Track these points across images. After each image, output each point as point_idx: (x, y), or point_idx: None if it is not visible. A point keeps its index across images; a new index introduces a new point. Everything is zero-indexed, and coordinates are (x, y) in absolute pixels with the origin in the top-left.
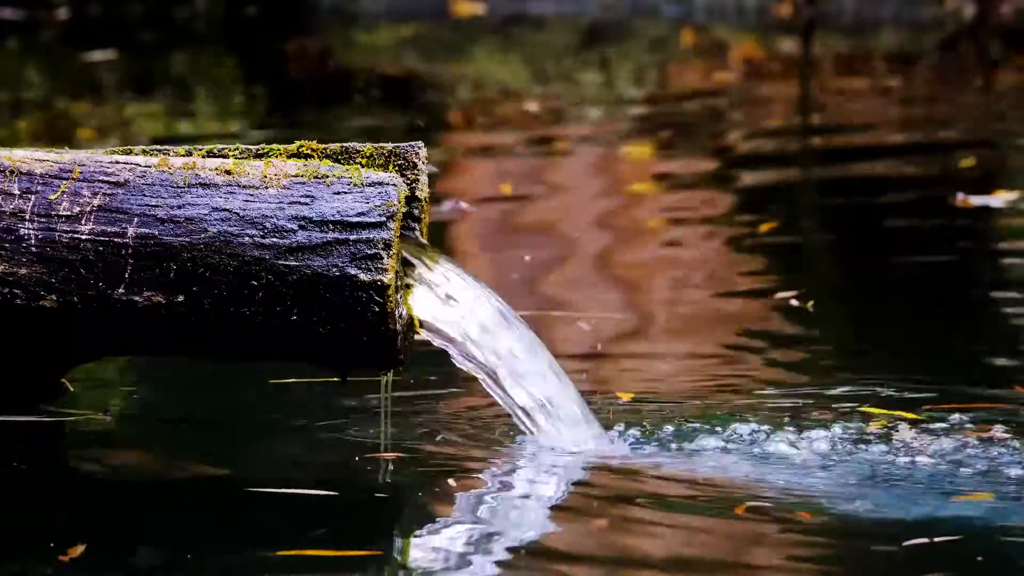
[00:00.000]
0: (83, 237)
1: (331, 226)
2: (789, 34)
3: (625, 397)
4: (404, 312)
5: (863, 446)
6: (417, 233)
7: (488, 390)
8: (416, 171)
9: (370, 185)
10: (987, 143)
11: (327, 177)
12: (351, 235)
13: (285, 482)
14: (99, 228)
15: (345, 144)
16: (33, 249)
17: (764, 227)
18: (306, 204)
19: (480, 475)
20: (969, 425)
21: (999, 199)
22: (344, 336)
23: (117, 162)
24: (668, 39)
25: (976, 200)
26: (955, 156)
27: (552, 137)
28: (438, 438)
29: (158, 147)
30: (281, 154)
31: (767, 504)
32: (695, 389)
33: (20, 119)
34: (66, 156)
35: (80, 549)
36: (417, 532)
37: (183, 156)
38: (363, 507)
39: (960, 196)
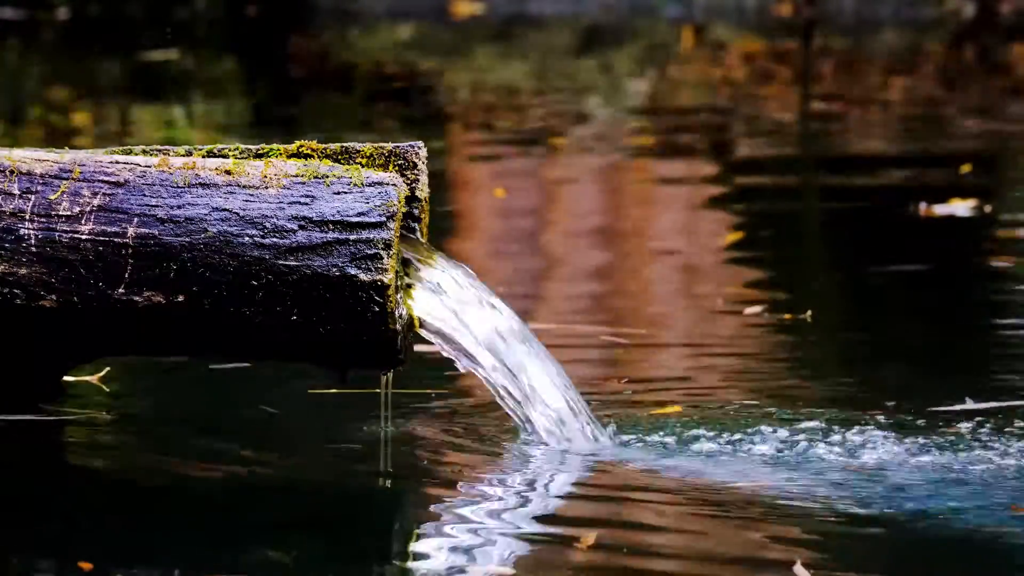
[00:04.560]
0: (83, 237)
1: (331, 226)
2: (789, 33)
3: (673, 410)
4: (404, 312)
5: (863, 452)
6: (417, 233)
7: (488, 389)
8: (416, 171)
9: (370, 185)
10: (986, 147)
11: (327, 177)
12: (351, 235)
13: (284, 481)
14: (99, 228)
15: (345, 144)
16: (33, 249)
17: (729, 237)
18: (306, 204)
19: (479, 474)
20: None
21: (963, 207)
22: (344, 336)
23: (117, 162)
24: (668, 39)
25: (940, 209)
26: (954, 161)
27: (551, 138)
28: (437, 437)
29: (158, 147)
30: (281, 154)
31: (768, 506)
32: (718, 399)
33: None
34: (66, 156)
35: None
36: (416, 532)
37: (183, 156)
38: (362, 507)
39: (923, 206)
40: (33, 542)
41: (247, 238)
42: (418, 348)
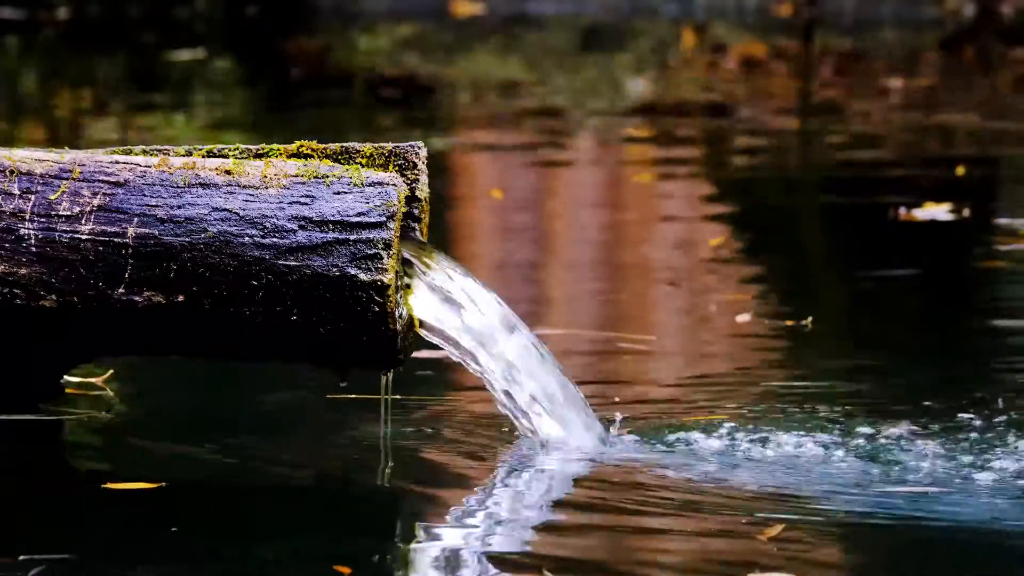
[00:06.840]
0: (83, 237)
1: (331, 226)
2: (789, 33)
3: (719, 418)
4: (404, 312)
5: (858, 452)
6: (417, 233)
7: (487, 389)
8: (416, 171)
9: (370, 185)
10: (985, 150)
11: (327, 177)
12: (351, 235)
13: (284, 482)
14: (99, 228)
15: (345, 144)
16: (33, 249)
17: (713, 241)
18: (306, 204)
19: (479, 475)
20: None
21: (941, 210)
22: (344, 336)
23: (117, 162)
24: (668, 39)
25: (921, 213)
26: (952, 164)
27: (551, 138)
28: (437, 438)
29: (158, 147)
30: (281, 154)
31: (768, 507)
32: (723, 403)
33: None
34: (66, 156)
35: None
36: (416, 532)
37: (183, 156)
38: (362, 507)
39: (902, 210)
40: (33, 543)
41: (247, 238)
42: (419, 352)
